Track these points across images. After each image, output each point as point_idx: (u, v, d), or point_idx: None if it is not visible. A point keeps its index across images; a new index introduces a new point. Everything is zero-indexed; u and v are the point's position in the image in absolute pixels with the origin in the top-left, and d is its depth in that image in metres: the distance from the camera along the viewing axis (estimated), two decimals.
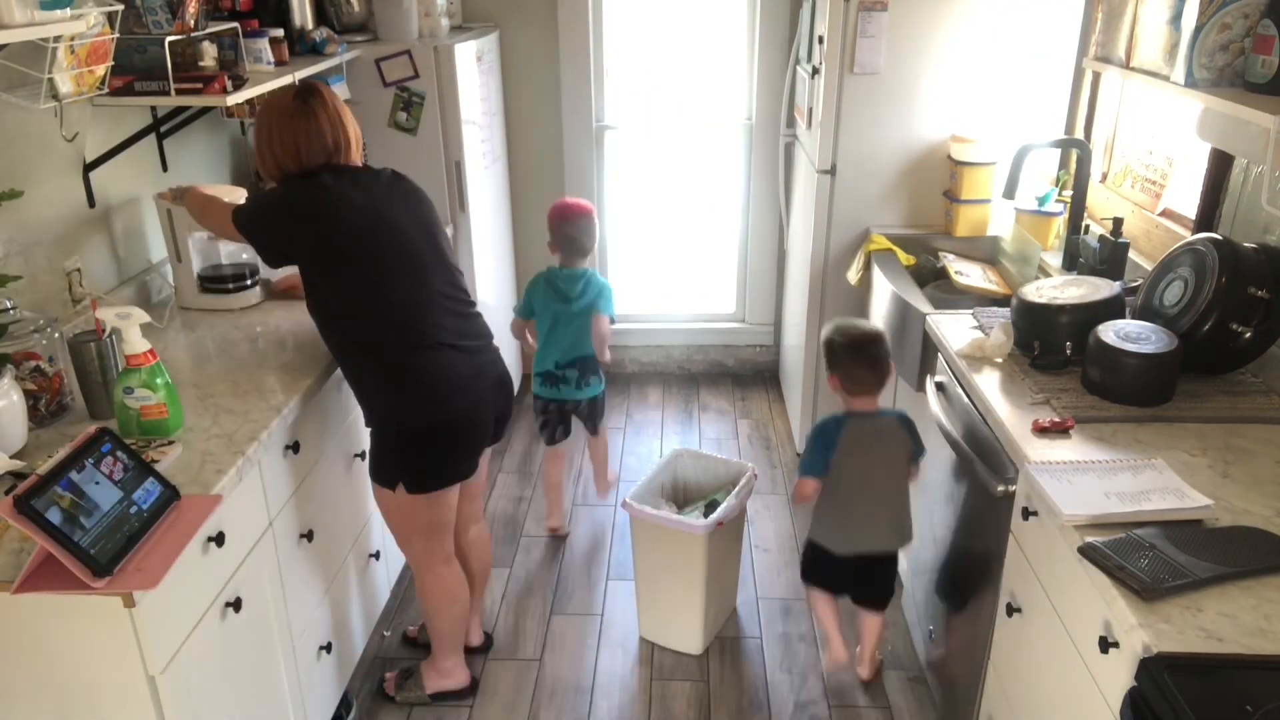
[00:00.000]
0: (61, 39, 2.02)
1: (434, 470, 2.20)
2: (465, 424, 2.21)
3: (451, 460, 2.22)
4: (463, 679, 2.57)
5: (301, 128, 2.06)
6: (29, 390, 1.89)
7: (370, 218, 2.08)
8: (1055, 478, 1.68)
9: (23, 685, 1.58)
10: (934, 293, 2.95)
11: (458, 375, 2.16)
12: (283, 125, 2.06)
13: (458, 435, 2.20)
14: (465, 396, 2.18)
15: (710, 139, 4.24)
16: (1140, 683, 1.30)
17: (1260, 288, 1.95)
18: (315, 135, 2.06)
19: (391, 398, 2.13)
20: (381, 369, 2.11)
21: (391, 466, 2.19)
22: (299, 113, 2.06)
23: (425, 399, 2.13)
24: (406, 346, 2.11)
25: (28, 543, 1.51)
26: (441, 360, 2.14)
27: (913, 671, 2.66)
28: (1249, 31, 1.98)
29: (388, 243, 2.09)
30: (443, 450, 2.19)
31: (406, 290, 2.10)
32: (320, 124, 2.07)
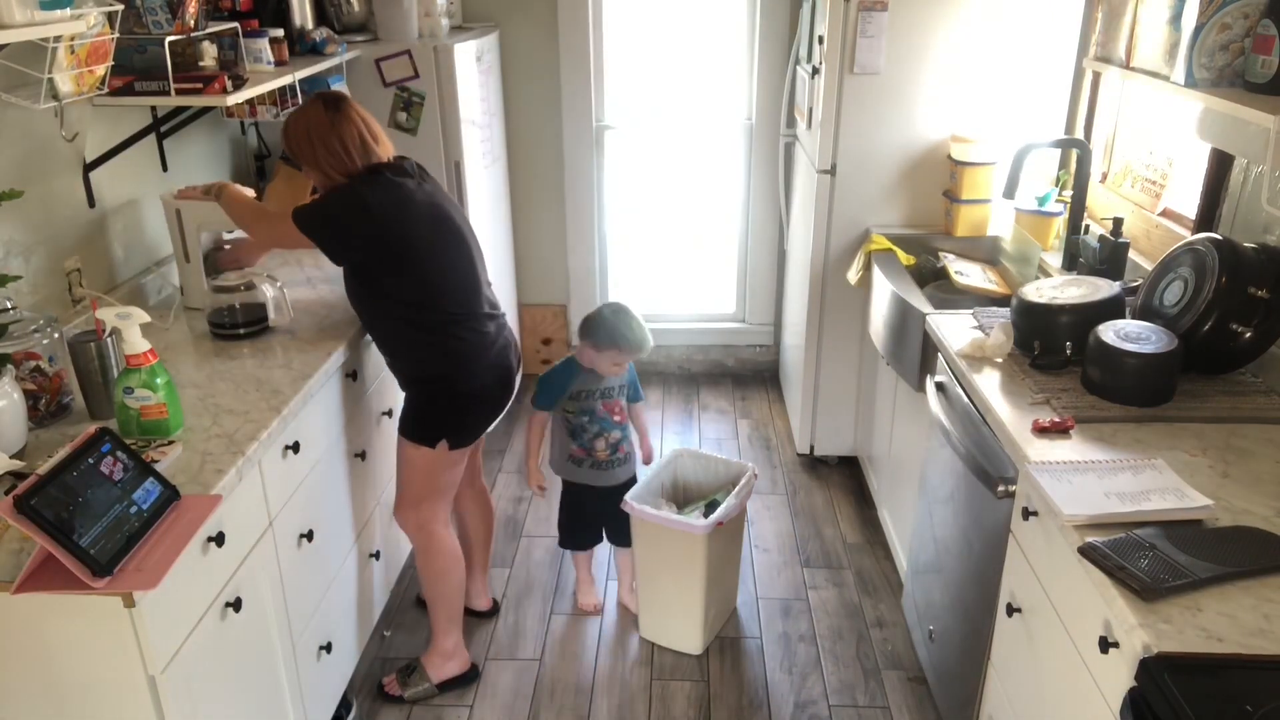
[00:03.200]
0: (61, 39, 2.01)
1: (475, 427, 2.45)
2: (502, 386, 2.46)
3: (488, 417, 2.47)
4: (465, 661, 2.63)
5: (346, 133, 2.21)
6: (29, 390, 1.89)
7: (431, 210, 2.27)
8: (1055, 478, 1.68)
9: (23, 685, 1.58)
10: (934, 293, 2.95)
11: (495, 344, 2.41)
12: (328, 137, 2.19)
13: (496, 396, 2.45)
14: (502, 361, 2.43)
15: (710, 139, 4.24)
16: (1140, 683, 1.30)
17: (1260, 288, 1.95)
18: (357, 137, 2.21)
19: (445, 366, 2.33)
20: (437, 343, 2.31)
21: (436, 424, 2.37)
22: (337, 120, 2.20)
23: (476, 366, 2.37)
24: (460, 322, 2.32)
25: (28, 543, 1.50)
26: (486, 331, 2.38)
27: (913, 671, 2.66)
28: (1249, 31, 1.98)
29: (447, 231, 2.30)
30: (484, 409, 2.45)
31: (462, 273, 2.33)
32: (358, 126, 2.23)
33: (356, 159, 2.22)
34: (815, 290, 3.43)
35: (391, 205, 2.20)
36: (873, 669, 2.68)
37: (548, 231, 4.29)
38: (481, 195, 3.67)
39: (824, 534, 3.30)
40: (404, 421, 2.42)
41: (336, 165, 2.22)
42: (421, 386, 2.38)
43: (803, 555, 3.19)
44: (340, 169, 2.22)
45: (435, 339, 2.31)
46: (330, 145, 2.20)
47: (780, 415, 4.14)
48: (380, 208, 2.19)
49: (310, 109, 2.23)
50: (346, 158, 2.21)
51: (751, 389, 4.41)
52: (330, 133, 2.20)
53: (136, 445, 1.79)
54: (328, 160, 2.21)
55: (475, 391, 2.40)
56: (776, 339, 4.46)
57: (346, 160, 2.21)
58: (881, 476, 3.26)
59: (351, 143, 2.21)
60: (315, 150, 2.21)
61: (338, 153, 2.20)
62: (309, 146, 2.21)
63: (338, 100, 2.24)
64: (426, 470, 2.43)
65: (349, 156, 2.21)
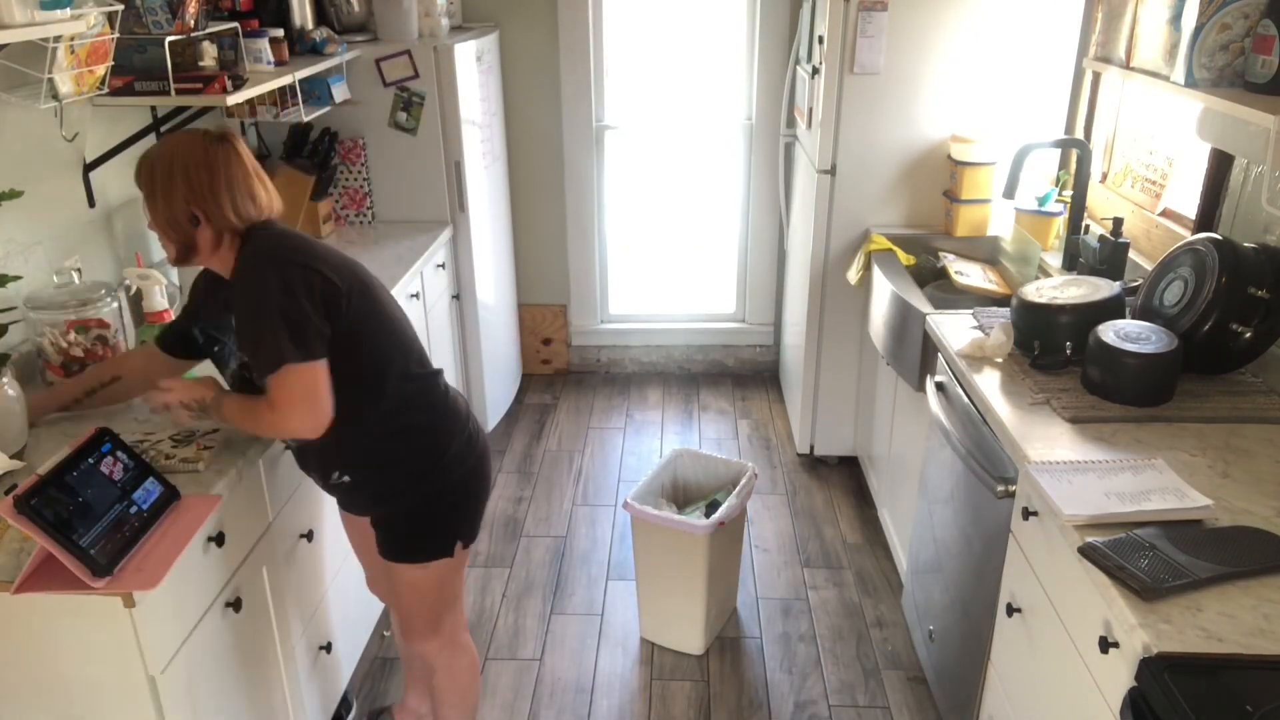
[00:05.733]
0: (61, 39, 2.01)
1: (480, 512, 2.00)
2: (488, 456, 2.03)
3: (487, 489, 2.03)
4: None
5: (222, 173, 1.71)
6: (75, 357, 1.97)
7: (341, 260, 1.81)
8: (1055, 478, 1.68)
9: (23, 685, 1.58)
10: (934, 293, 2.95)
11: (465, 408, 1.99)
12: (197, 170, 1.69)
13: (488, 468, 2.01)
14: (476, 426, 2.00)
15: (710, 139, 4.24)
16: (1140, 683, 1.30)
17: (1260, 288, 1.95)
18: (240, 182, 1.73)
19: (435, 447, 1.88)
20: (419, 419, 1.86)
21: (444, 528, 1.92)
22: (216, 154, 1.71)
23: (460, 437, 1.91)
24: (430, 386, 1.90)
25: (28, 543, 1.50)
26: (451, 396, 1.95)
27: (913, 671, 2.66)
28: (1249, 31, 1.98)
29: (369, 282, 1.83)
30: (484, 486, 2.00)
31: (406, 325, 1.91)
32: (245, 168, 1.74)
33: (239, 205, 1.71)
34: (815, 290, 3.43)
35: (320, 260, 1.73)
36: (873, 669, 2.68)
37: (548, 231, 4.29)
38: (481, 195, 3.67)
39: (824, 534, 3.30)
40: (402, 546, 1.93)
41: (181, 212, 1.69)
42: (416, 492, 1.88)
43: (803, 555, 3.19)
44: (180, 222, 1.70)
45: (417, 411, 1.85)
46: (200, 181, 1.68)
47: (780, 415, 4.14)
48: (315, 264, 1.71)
49: (186, 139, 1.73)
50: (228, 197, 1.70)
51: (751, 389, 4.41)
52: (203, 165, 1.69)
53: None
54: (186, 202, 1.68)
55: (473, 470, 1.94)
56: (776, 339, 4.47)
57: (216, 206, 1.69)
58: (881, 476, 3.26)
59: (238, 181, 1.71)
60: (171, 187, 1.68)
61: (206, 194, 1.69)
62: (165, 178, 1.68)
63: (222, 135, 1.75)
64: (439, 586, 1.98)
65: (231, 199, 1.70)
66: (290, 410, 1.67)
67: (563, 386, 4.44)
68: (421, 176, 3.46)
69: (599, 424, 4.08)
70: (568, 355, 4.53)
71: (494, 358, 3.89)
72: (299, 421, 1.69)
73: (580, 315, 4.44)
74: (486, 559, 3.18)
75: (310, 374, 1.66)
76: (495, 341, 3.91)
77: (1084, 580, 1.50)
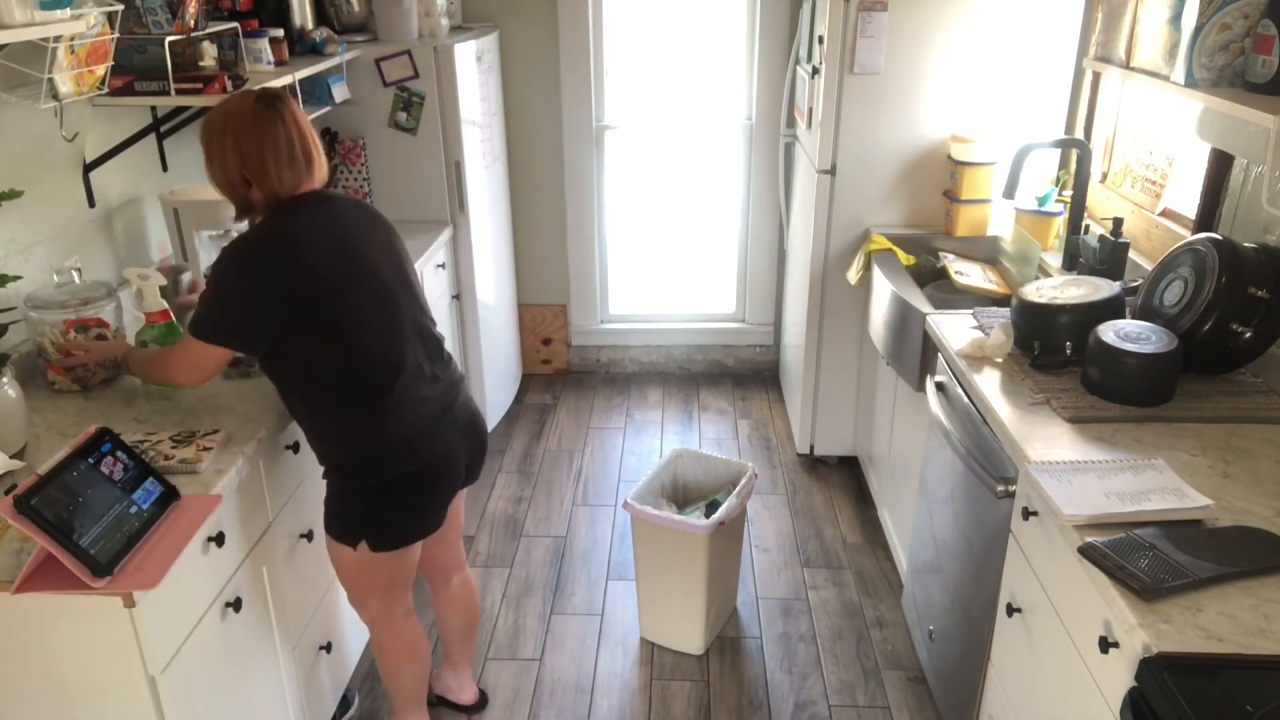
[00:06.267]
0: (61, 39, 2.01)
1: (400, 525, 2.00)
2: (435, 474, 2.01)
3: (419, 513, 2.02)
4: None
5: (269, 139, 1.81)
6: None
7: (340, 253, 1.87)
8: (1055, 478, 1.68)
9: (23, 685, 1.58)
10: (934, 293, 2.95)
11: (428, 421, 1.96)
12: (246, 135, 1.81)
13: (426, 486, 2.00)
14: (435, 444, 1.98)
15: (710, 139, 4.24)
16: (1140, 683, 1.30)
17: (1260, 288, 1.95)
18: (284, 148, 1.82)
19: (357, 447, 1.92)
20: (346, 417, 1.90)
21: (352, 522, 1.98)
22: (264, 120, 1.81)
23: (394, 448, 1.92)
24: (376, 391, 1.89)
25: (28, 543, 1.51)
26: (412, 405, 1.93)
27: (913, 671, 2.66)
28: (1249, 31, 1.98)
29: (358, 278, 1.88)
30: (411, 503, 1.99)
31: (377, 329, 1.90)
32: (290, 135, 1.83)
33: (272, 175, 1.82)
34: (815, 290, 3.43)
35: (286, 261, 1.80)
36: (873, 669, 2.68)
37: (548, 231, 4.29)
38: (481, 195, 3.67)
39: (824, 534, 3.30)
40: (325, 510, 2.04)
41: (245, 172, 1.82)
42: (336, 471, 1.97)
43: (803, 555, 3.19)
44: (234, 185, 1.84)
45: (348, 413, 1.89)
46: (248, 148, 1.80)
47: (780, 415, 4.14)
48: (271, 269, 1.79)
49: (240, 98, 1.85)
50: (260, 167, 1.81)
51: (751, 389, 4.41)
52: (250, 132, 1.80)
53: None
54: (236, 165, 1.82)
55: (402, 480, 1.95)
56: (776, 339, 4.47)
57: (259, 174, 1.82)
58: (881, 476, 3.26)
59: (270, 151, 1.81)
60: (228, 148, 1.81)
61: (253, 160, 1.81)
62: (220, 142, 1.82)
63: (275, 97, 1.85)
64: (356, 570, 2.06)
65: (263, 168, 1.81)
66: (178, 368, 1.90)
67: (563, 386, 4.44)
68: (421, 176, 3.46)
69: (599, 424, 4.08)
70: (568, 355, 4.53)
71: (494, 358, 3.89)
72: (182, 376, 1.91)
73: (580, 315, 4.44)
74: (486, 559, 3.18)
75: (208, 354, 1.85)
76: (495, 341, 3.91)
77: (1084, 580, 1.50)
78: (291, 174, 1.84)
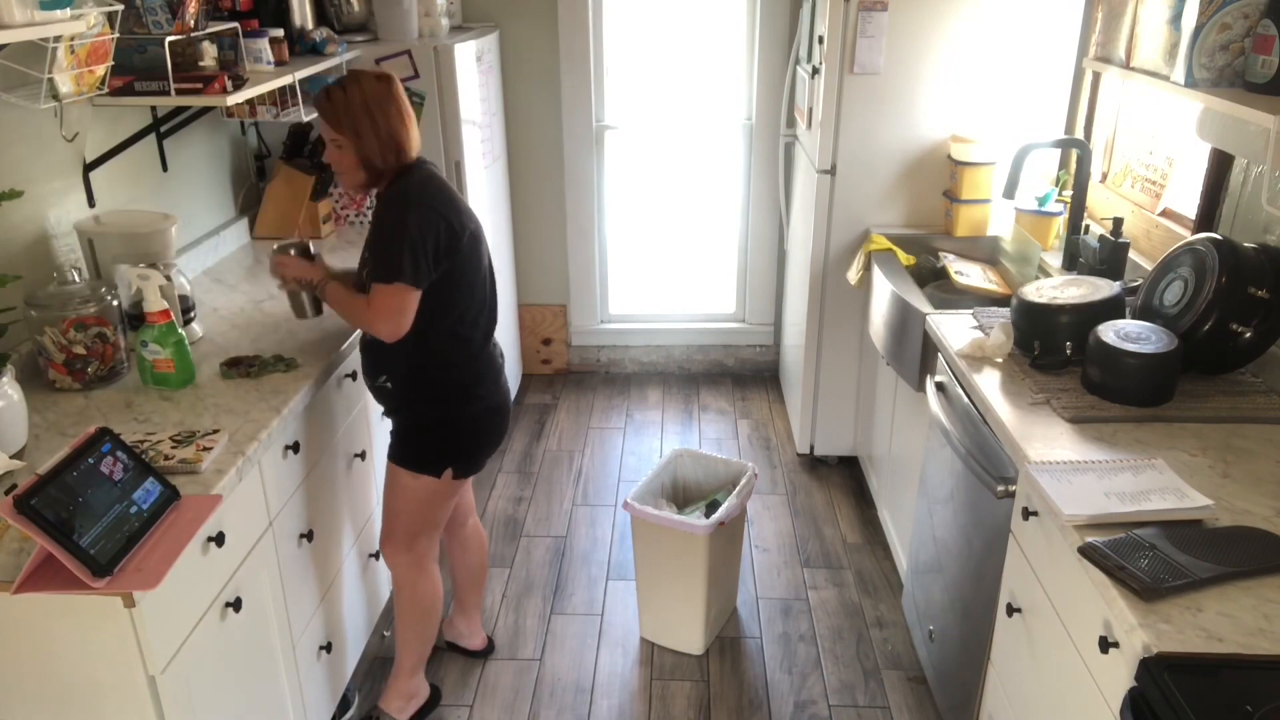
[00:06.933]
0: (61, 39, 2.01)
1: (480, 453, 2.29)
2: (506, 408, 2.33)
3: (496, 442, 2.33)
4: (425, 690, 2.51)
5: (402, 108, 2.08)
6: (79, 354, 2.03)
7: (467, 209, 2.15)
8: (1055, 478, 1.68)
9: (23, 685, 1.58)
10: (934, 293, 2.95)
11: (500, 361, 2.31)
12: (390, 107, 2.04)
13: (501, 418, 2.31)
14: (503, 382, 2.31)
15: (710, 139, 4.24)
16: (1140, 683, 1.30)
17: (1260, 288, 1.95)
18: (410, 115, 2.10)
19: (466, 385, 2.19)
20: (458, 350, 2.17)
21: (443, 452, 2.21)
22: (394, 93, 2.07)
23: (488, 381, 2.23)
24: (484, 330, 2.22)
25: (28, 543, 1.51)
26: (497, 350, 2.29)
27: (913, 671, 2.66)
28: (1249, 31, 1.98)
29: (479, 233, 2.17)
30: (490, 432, 2.30)
31: (490, 278, 2.22)
32: (409, 105, 2.11)
33: (409, 140, 2.08)
34: (815, 290, 3.43)
35: (453, 209, 2.08)
36: (873, 669, 2.68)
37: (548, 231, 4.29)
38: (481, 195, 3.67)
39: (824, 534, 3.30)
40: (402, 449, 2.23)
41: (390, 145, 2.06)
42: (432, 408, 2.19)
43: (803, 555, 3.19)
44: (393, 150, 2.06)
45: (466, 356, 2.19)
46: (389, 119, 2.04)
47: (780, 415, 4.14)
48: (447, 213, 2.06)
49: (363, 79, 2.06)
50: (404, 133, 2.07)
51: (751, 389, 4.41)
52: (389, 103, 2.04)
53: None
54: (387, 134, 2.04)
55: (492, 410, 2.27)
56: (776, 339, 4.47)
57: (401, 139, 2.06)
58: (881, 476, 3.26)
59: (408, 120, 2.08)
60: (375, 123, 2.03)
61: (395, 129, 2.05)
62: (366, 118, 2.02)
63: (387, 76, 2.10)
64: (426, 502, 2.25)
65: (406, 134, 2.07)
66: (381, 316, 2.03)
67: (563, 386, 4.44)
68: None
69: (599, 424, 4.08)
70: (568, 355, 4.53)
71: None
72: (384, 326, 2.04)
73: (580, 315, 4.44)
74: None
75: (408, 296, 2.02)
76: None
77: (1084, 580, 1.51)
78: (417, 135, 2.11)
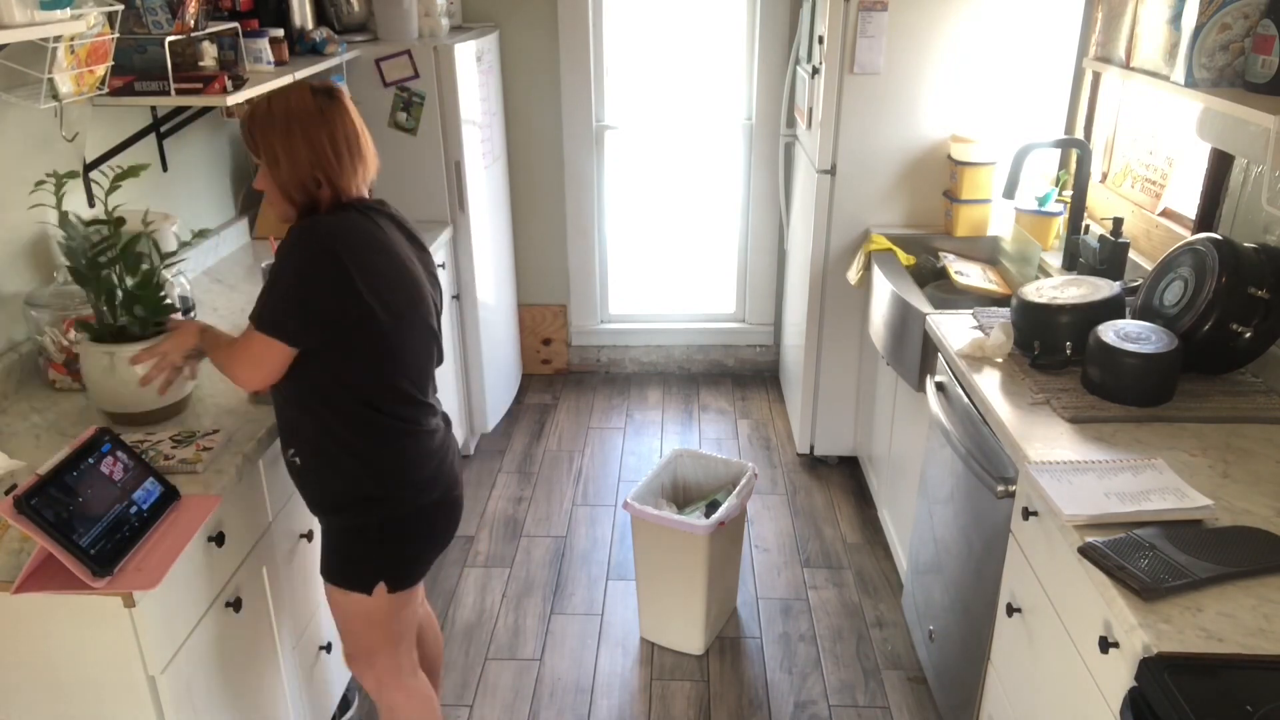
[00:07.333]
0: (61, 39, 2.01)
1: (420, 558, 1.90)
2: (452, 501, 1.94)
3: (437, 543, 1.94)
4: None
5: (340, 131, 1.72)
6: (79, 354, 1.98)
7: (403, 271, 1.78)
8: (1055, 478, 1.68)
9: (23, 685, 1.58)
10: (934, 293, 2.95)
11: (441, 447, 1.90)
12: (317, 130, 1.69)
13: (444, 514, 1.93)
14: (452, 467, 1.94)
15: (710, 139, 4.24)
16: (1140, 683, 1.30)
17: (1260, 288, 1.95)
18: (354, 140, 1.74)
19: (385, 478, 1.81)
20: (376, 445, 1.79)
21: (371, 564, 1.85)
22: (330, 112, 1.71)
23: (424, 474, 1.85)
24: (408, 416, 1.82)
25: (28, 543, 1.50)
26: (435, 428, 1.88)
27: (913, 671, 2.66)
28: (1249, 31, 1.98)
29: (413, 299, 1.80)
30: (431, 532, 1.91)
31: (417, 353, 1.83)
32: (355, 127, 1.75)
33: (331, 175, 1.71)
34: (815, 290, 3.43)
35: (370, 271, 1.70)
36: (873, 669, 2.68)
37: (548, 231, 4.29)
38: (481, 195, 3.67)
39: (824, 534, 3.30)
40: (326, 563, 1.89)
41: (312, 177, 1.71)
42: (350, 513, 1.82)
43: (803, 555, 3.19)
44: (316, 182, 1.71)
45: (379, 440, 1.78)
46: (313, 144, 1.69)
47: (780, 415, 4.14)
48: (356, 273, 1.68)
49: (293, 92, 1.72)
50: (322, 164, 1.70)
51: (751, 389, 4.41)
52: (317, 125, 1.69)
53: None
54: (309, 161, 1.69)
55: (428, 509, 1.87)
56: (776, 339, 4.46)
57: (315, 172, 1.70)
58: (881, 476, 3.26)
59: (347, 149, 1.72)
60: (292, 147, 1.68)
61: (322, 157, 1.70)
62: (283, 140, 1.68)
63: (332, 93, 1.74)
64: (369, 620, 1.90)
65: (324, 166, 1.70)
66: (239, 359, 1.76)
67: (563, 386, 4.44)
68: (421, 176, 3.46)
69: (599, 424, 4.08)
70: (568, 355, 4.53)
71: (494, 358, 3.89)
72: (240, 372, 1.77)
73: (580, 315, 4.44)
74: (486, 559, 3.18)
75: (270, 348, 1.70)
76: (495, 342, 3.91)
77: (1084, 580, 1.51)
78: (362, 168, 1.77)
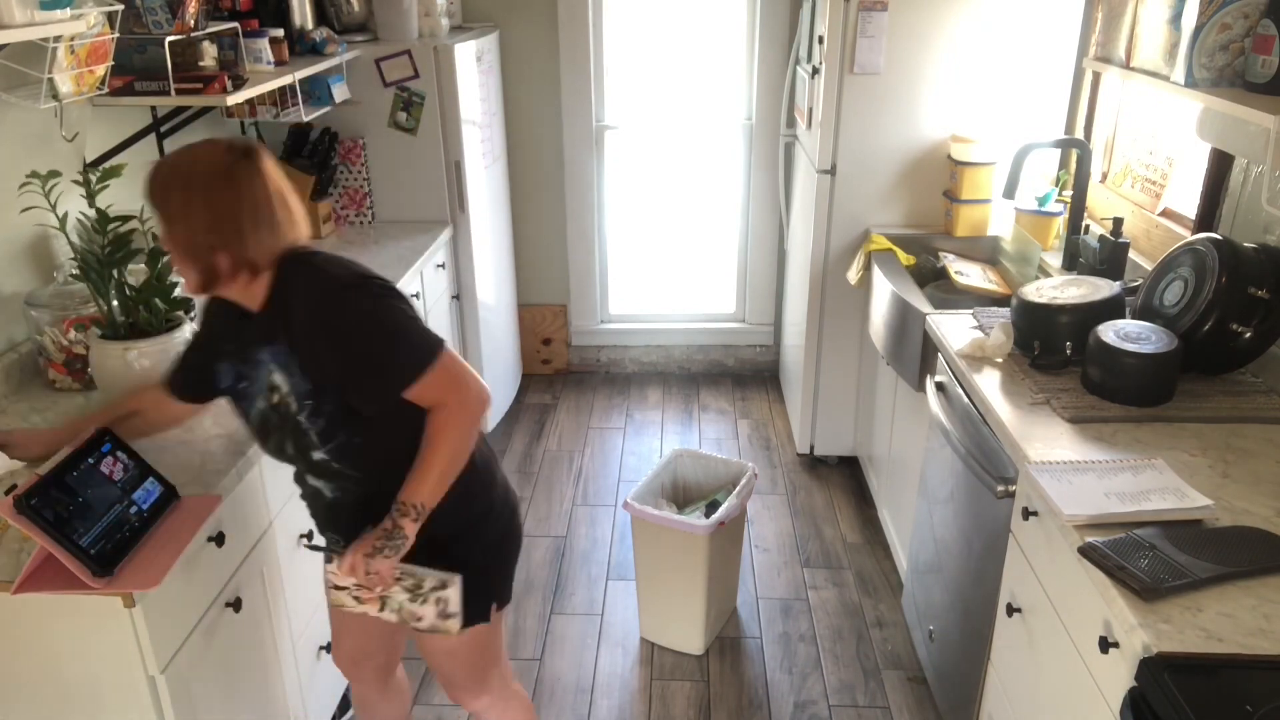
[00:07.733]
0: (61, 39, 2.01)
1: (513, 568, 1.89)
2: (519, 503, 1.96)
3: (519, 548, 1.92)
4: None
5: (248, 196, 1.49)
6: (79, 354, 2.03)
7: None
8: (1055, 478, 1.68)
9: (23, 685, 1.58)
10: (934, 293, 2.95)
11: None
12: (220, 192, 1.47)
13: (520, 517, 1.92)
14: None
15: (710, 139, 4.24)
16: (1140, 683, 1.30)
17: (1260, 288, 1.95)
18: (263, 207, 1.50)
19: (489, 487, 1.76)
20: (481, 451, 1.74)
21: (487, 588, 1.77)
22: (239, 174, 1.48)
23: (502, 473, 1.83)
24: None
25: (28, 543, 1.51)
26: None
27: (913, 671, 2.66)
28: (1249, 31, 1.98)
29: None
30: (521, 533, 1.90)
31: None
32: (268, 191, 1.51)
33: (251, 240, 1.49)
34: (815, 290, 3.43)
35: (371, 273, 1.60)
36: (873, 669, 2.68)
37: (548, 231, 4.29)
38: (481, 195, 3.67)
39: (824, 534, 3.30)
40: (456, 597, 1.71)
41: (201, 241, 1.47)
42: (464, 542, 1.71)
43: (803, 555, 3.19)
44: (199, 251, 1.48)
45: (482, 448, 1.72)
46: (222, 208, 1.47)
47: (780, 415, 4.14)
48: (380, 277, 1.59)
49: (200, 152, 1.49)
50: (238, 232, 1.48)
51: (751, 389, 4.41)
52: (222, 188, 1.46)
53: None
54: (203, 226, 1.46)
55: (515, 512, 1.85)
56: (776, 339, 4.47)
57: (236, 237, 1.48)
58: (881, 476, 3.26)
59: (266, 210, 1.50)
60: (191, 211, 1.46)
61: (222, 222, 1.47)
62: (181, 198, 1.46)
63: (249, 147, 1.51)
64: (481, 647, 1.84)
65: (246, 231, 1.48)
66: (464, 395, 1.56)
67: (563, 386, 4.44)
68: (421, 176, 3.46)
69: (599, 424, 4.08)
70: (568, 355, 4.53)
71: (494, 358, 3.89)
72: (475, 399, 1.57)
73: (580, 315, 4.44)
74: None
75: (450, 359, 1.56)
76: (495, 342, 3.91)
77: (1084, 580, 1.50)
78: (272, 237, 1.51)
